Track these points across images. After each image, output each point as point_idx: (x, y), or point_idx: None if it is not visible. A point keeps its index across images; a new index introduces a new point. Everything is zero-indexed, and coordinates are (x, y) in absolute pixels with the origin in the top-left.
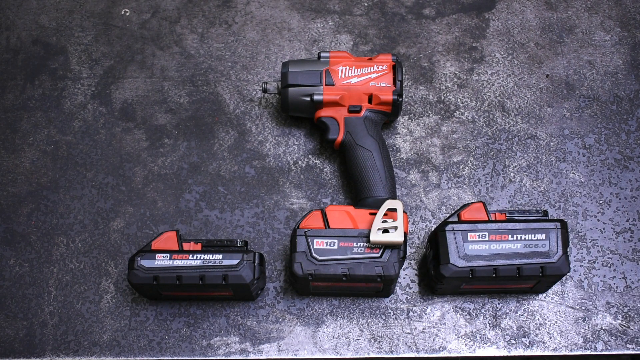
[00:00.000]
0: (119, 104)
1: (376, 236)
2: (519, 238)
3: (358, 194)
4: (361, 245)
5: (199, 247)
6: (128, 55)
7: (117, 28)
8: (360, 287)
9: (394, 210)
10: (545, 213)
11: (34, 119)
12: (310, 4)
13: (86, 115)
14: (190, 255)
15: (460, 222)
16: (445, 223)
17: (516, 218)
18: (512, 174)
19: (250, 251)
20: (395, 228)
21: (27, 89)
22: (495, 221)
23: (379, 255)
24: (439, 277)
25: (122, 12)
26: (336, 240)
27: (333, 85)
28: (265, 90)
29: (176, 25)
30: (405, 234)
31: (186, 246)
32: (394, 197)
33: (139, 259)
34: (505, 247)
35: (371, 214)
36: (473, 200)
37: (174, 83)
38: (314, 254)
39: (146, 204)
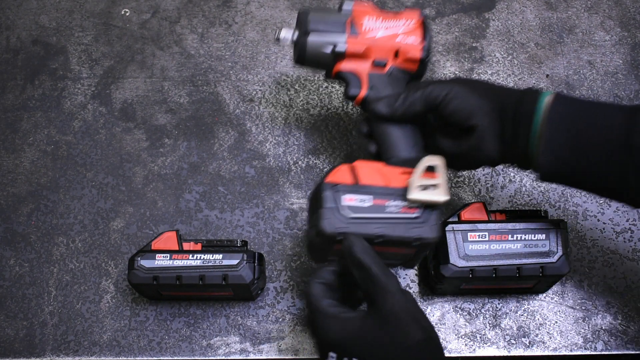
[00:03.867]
0: (119, 104)
1: (416, 193)
2: (518, 238)
3: (384, 155)
4: (397, 204)
5: (199, 247)
6: (128, 55)
7: (117, 28)
8: (388, 253)
9: (432, 169)
10: (545, 213)
11: (34, 119)
12: (310, 4)
13: (86, 115)
14: (190, 255)
15: (460, 222)
16: (445, 223)
17: (516, 218)
18: (512, 174)
19: (250, 251)
20: (437, 186)
21: (27, 89)
22: (495, 221)
23: (416, 216)
24: (439, 277)
25: (122, 12)
26: (369, 197)
27: (357, 36)
28: (278, 39)
29: (176, 25)
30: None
31: (186, 246)
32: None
33: (139, 259)
34: (505, 247)
35: (403, 172)
36: (473, 201)
37: (174, 83)
38: (344, 211)
39: (146, 204)
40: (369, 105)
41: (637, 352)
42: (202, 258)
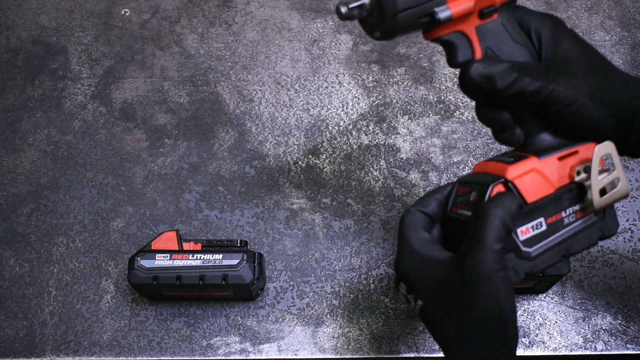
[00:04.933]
0: (119, 104)
1: (601, 200)
2: None
3: (524, 128)
4: (572, 210)
5: (199, 247)
6: (128, 55)
7: (117, 28)
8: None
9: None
10: None
11: (34, 119)
12: (310, 4)
13: (86, 115)
14: (190, 255)
15: None
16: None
17: None
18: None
19: (250, 251)
20: (615, 181)
21: (27, 89)
22: None
23: (596, 217)
24: None
25: (122, 12)
26: (542, 219)
27: None
28: (347, 17)
29: (176, 25)
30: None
31: (186, 246)
32: None
33: (139, 259)
34: None
35: (560, 158)
36: None
37: (174, 83)
38: (525, 249)
39: (146, 204)
40: (468, 71)
41: (637, 352)
42: (202, 258)
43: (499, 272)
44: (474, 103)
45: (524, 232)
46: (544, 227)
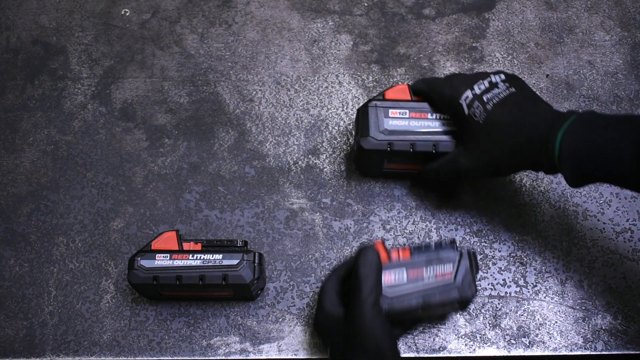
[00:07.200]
0: (119, 104)
1: None
2: (437, 117)
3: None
4: (432, 273)
5: (199, 247)
6: (128, 55)
7: (117, 28)
8: (433, 314)
9: None
10: None
11: (34, 119)
12: (310, 4)
13: (86, 115)
14: (190, 255)
15: (384, 100)
16: (369, 100)
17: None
18: (512, 174)
19: (250, 251)
20: None
21: (27, 89)
22: (417, 101)
23: (452, 279)
24: (359, 151)
25: (122, 12)
26: (405, 273)
27: None
28: None
29: (176, 25)
30: None
31: (186, 246)
32: None
33: (139, 259)
34: (424, 124)
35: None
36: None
37: (174, 83)
38: (386, 292)
39: (146, 204)
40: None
41: (637, 352)
42: (202, 258)
43: (375, 318)
44: None
45: (388, 278)
46: (405, 279)
